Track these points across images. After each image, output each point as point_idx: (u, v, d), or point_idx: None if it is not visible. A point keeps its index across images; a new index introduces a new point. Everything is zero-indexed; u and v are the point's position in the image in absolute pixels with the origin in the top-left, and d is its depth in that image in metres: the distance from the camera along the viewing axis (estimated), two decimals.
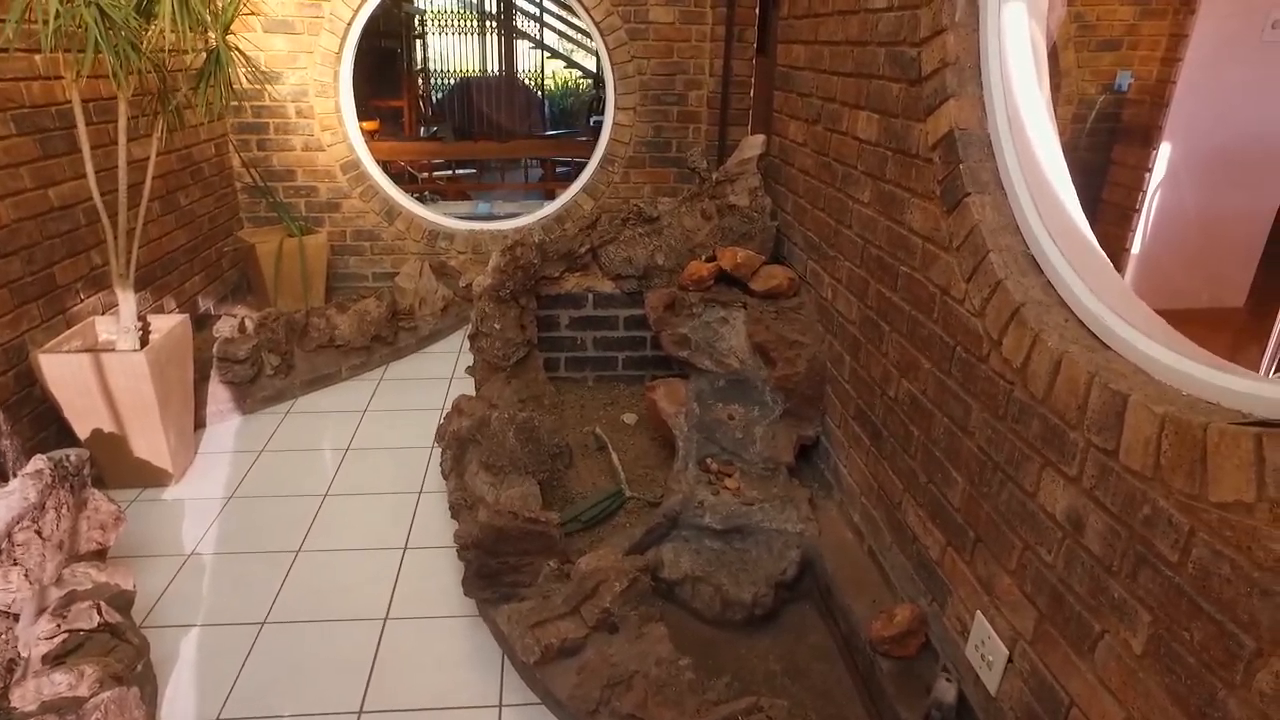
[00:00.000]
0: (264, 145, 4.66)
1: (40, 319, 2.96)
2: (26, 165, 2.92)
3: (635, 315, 3.36)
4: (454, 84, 10.01)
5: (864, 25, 2.41)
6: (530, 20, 11.17)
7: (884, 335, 2.30)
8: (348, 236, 4.88)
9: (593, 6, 4.50)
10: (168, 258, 3.90)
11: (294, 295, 4.51)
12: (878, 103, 2.32)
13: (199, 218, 4.25)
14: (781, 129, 3.27)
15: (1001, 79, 1.86)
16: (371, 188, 4.79)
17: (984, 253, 1.75)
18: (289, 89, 4.54)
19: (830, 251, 2.74)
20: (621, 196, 4.90)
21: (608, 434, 3.10)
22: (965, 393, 1.85)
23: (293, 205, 4.77)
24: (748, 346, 2.93)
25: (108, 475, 3.02)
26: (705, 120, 4.78)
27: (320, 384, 3.89)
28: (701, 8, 4.58)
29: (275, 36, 4.42)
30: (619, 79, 4.66)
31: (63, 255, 3.09)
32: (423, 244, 4.89)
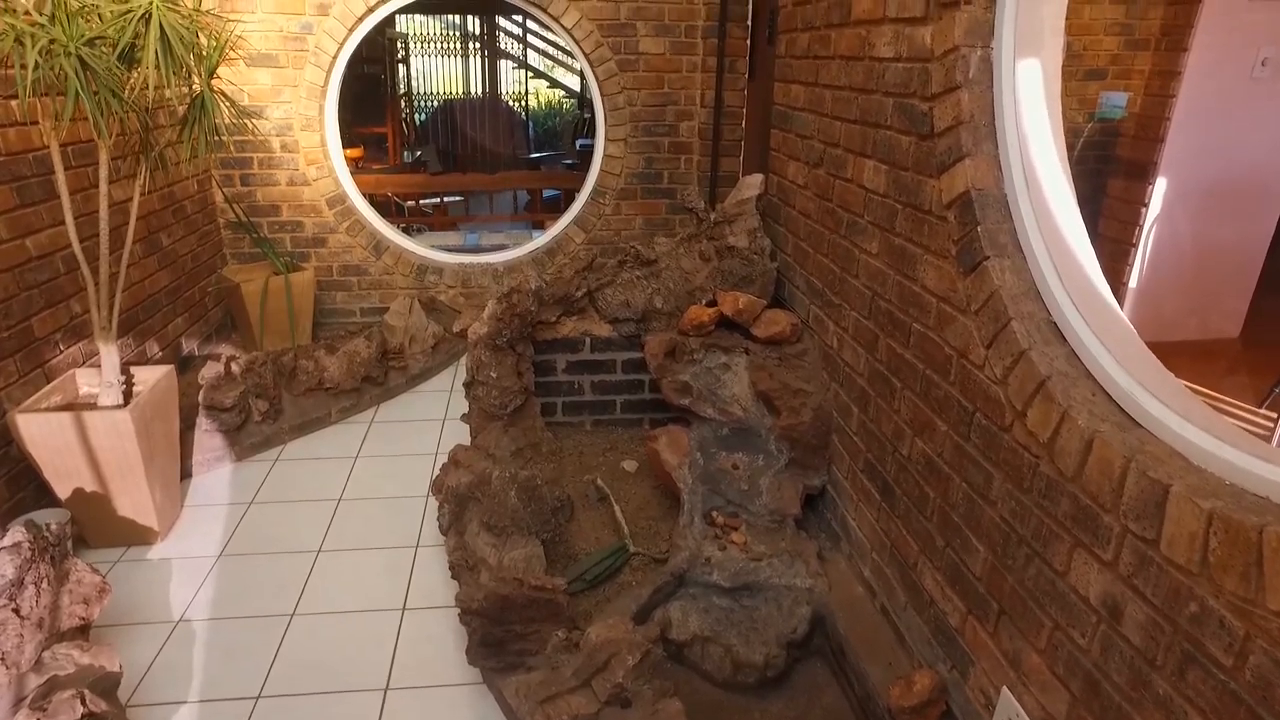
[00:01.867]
0: (248, 180, 4.56)
1: (18, 375, 2.85)
2: (1, 216, 2.82)
3: (633, 358, 3.30)
4: (437, 106, 9.95)
5: (869, 73, 2.37)
6: (514, 40, 11.13)
7: (895, 391, 2.25)
8: (334, 271, 4.79)
9: (582, 38, 4.46)
10: (150, 300, 3.80)
11: (280, 334, 4.42)
12: (886, 153, 2.27)
13: (182, 257, 4.15)
14: (780, 169, 3.23)
15: (1018, 138, 1.82)
16: (358, 222, 4.70)
17: (1005, 320, 1.71)
18: (273, 123, 4.46)
19: (835, 299, 2.69)
20: (613, 229, 4.85)
21: (608, 483, 3.03)
22: (986, 461, 1.80)
23: (278, 241, 4.68)
24: (751, 394, 2.88)
25: (90, 535, 2.91)
26: (697, 151, 4.74)
27: (310, 428, 3.79)
28: (692, 38, 4.55)
29: (259, 70, 4.34)
30: (609, 110, 4.62)
31: (41, 306, 2.99)
32: (411, 278, 4.81)
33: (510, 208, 8.64)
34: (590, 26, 4.43)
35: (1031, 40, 1.81)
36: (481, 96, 10.49)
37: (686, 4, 4.47)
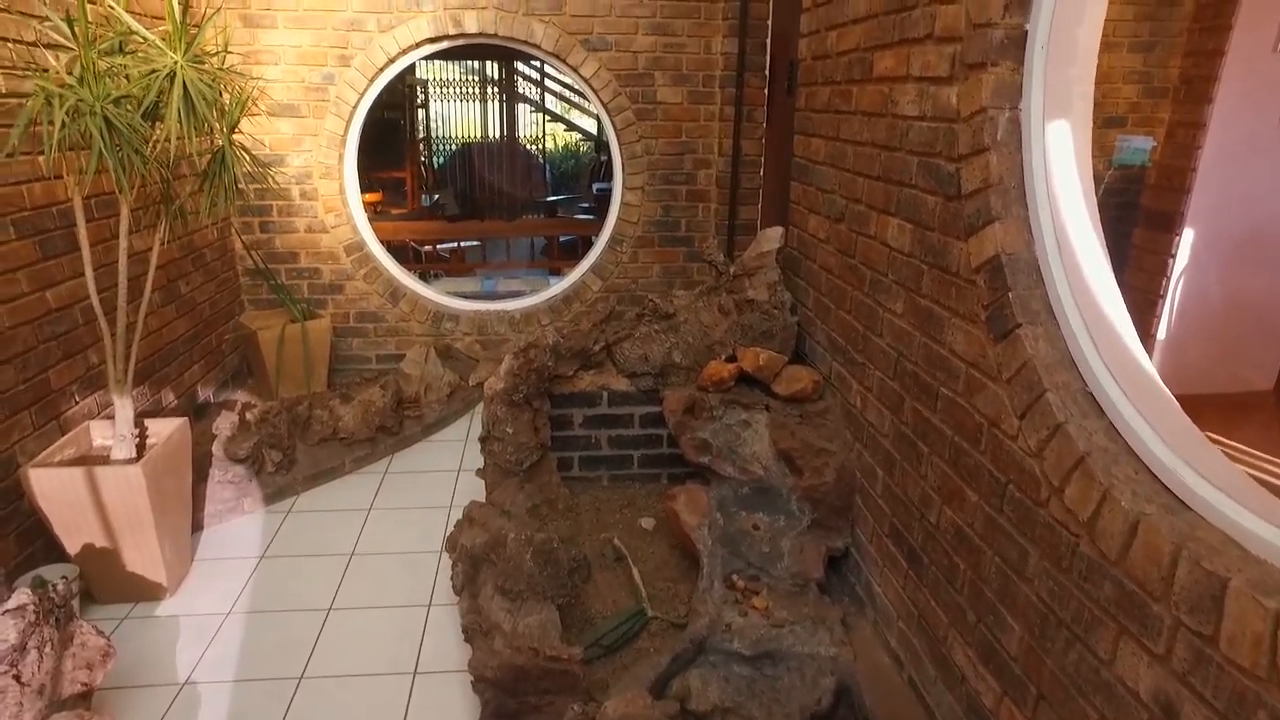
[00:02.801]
0: (267, 228, 4.59)
1: (33, 427, 2.83)
2: (24, 269, 2.82)
3: (651, 413, 3.25)
4: (455, 150, 10.05)
5: (893, 130, 2.34)
6: (531, 85, 11.28)
7: (922, 456, 2.19)
8: (351, 318, 4.78)
9: (600, 88, 4.48)
10: (167, 349, 3.80)
11: (296, 381, 4.40)
12: (910, 212, 2.23)
13: (200, 304, 4.15)
14: (800, 222, 3.20)
15: (1049, 201, 1.78)
16: (375, 269, 4.71)
17: (1040, 391, 1.65)
18: (293, 171, 4.49)
19: (858, 358, 2.64)
20: (630, 276, 4.83)
21: (625, 542, 2.96)
22: (1021, 536, 1.72)
23: (295, 288, 4.69)
24: (772, 453, 2.82)
25: (98, 590, 2.87)
26: (714, 199, 4.73)
27: (323, 479, 3.75)
28: (710, 88, 4.56)
29: (280, 120, 4.38)
30: (627, 159, 4.62)
31: (58, 358, 2.98)
32: (427, 325, 4.80)
33: (527, 252, 8.66)
34: (608, 76, 4.46)
35: (1060, 102, 1.78)
36: (499, 140, 10.60)
37: (704, 54, 4.49)
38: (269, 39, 4.27)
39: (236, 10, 4.21)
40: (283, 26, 4.25)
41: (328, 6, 4.23)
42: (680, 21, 4.42)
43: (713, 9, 4.42)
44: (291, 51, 4.29)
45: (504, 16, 4.30)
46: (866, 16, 2.50)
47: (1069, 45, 1.74)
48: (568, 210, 9.40)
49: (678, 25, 4.43)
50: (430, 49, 4.46)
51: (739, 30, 4.36)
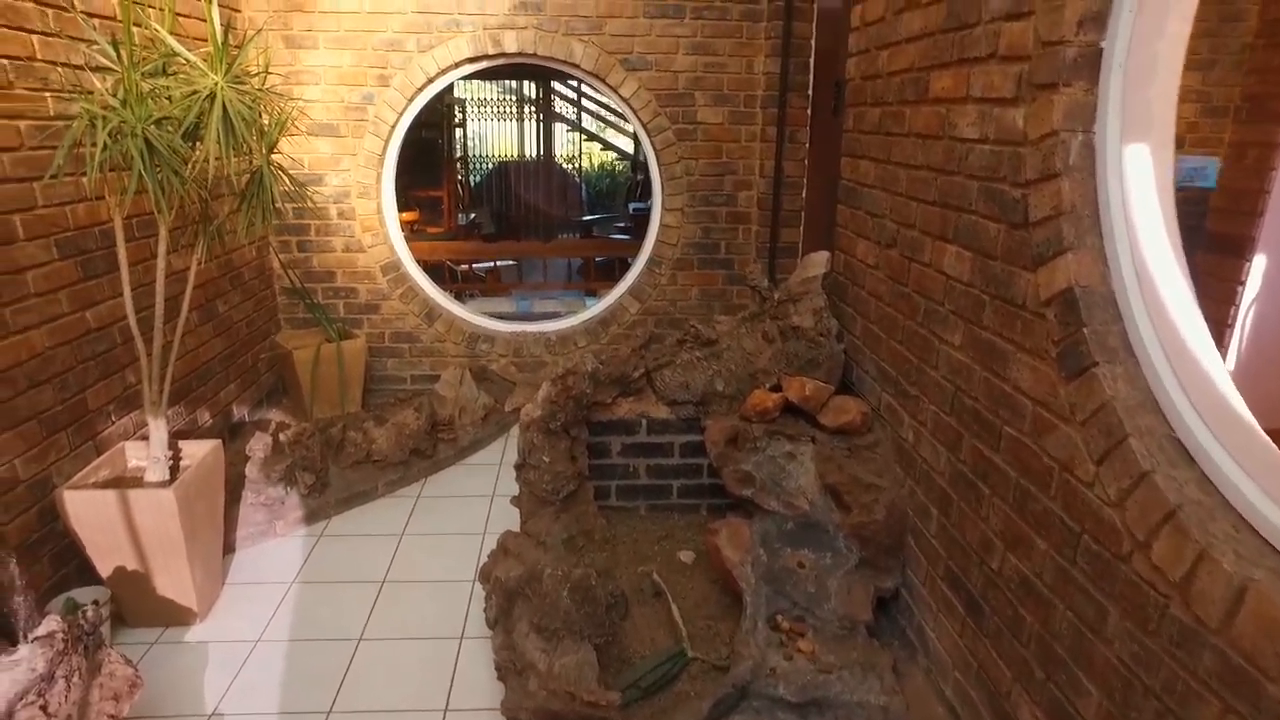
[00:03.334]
0: (304, 247, 4.58)
1: (69, 448, 2.81)
2: (66, 289, 2.81)
3: (692, 442, 3.15)
4: (492, 169, 10.09)
5: (950, 154, 2.23)
6: (567, 103, 11.30)
7: (983, 498, 2.06)
8: (386, 338, 4.75)
9: (640, 108, 4.42)
10: (203, 368, 3.78)
11: (331, 401, 4.37)
12: (970, 239, 2.12)
13: (236, 324, 4.14)
14: (848, 247, 3.09)
15: (1126, 230, 1.66)
16: (412, 289, 4.68)
17: (1121, 436, 1.53)
18: (331, 191, 4.49)
19: (911, 390, 2.52)
20: (668, 299, 4.74)
21: (664, 575, 2.86)
22: (1098, 591, 1.60)
23: (331, 307, 4.67)
24: (818, 487, 2.70)
25: (129, 614, 2.83)
26: (755, 221, 4.64)
27: (355, 502, 3.70)
28: (751, 108, 4.48)
29: (319, 140, 4.38)
30: (666, 180, 4.55)
31: (96, 378, 2.97)
32: (463, 346, 4.75)
33: (564, 272, 8.60)
34: (648, 96, 4.40)
35: (1139, 124, 1.66)
36: (536, 159, 10.62)
37: (746, 74, 4.42)
38: (310, 59, 4.27)
39: (279, 31, 4.22)
40: (324, 47, 4.26)
41: (368, 27, 4.23)
42: (721, 41, 4.36)
43: (755, 29, 4.35)
44: (332, 72, 4.30)
45: (543, 36, 4.27)
46: (921, 35, 2.40)
47: (1149, 63, 1.63)
48: (603, 230, 9.36)
49: (719, 45, 4.36)
50: (469, 69, 4.44)
51: (781, 50, 4.28)
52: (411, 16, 4.23)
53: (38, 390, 2.67)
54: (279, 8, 4.19)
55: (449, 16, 4.23)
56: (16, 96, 2.61)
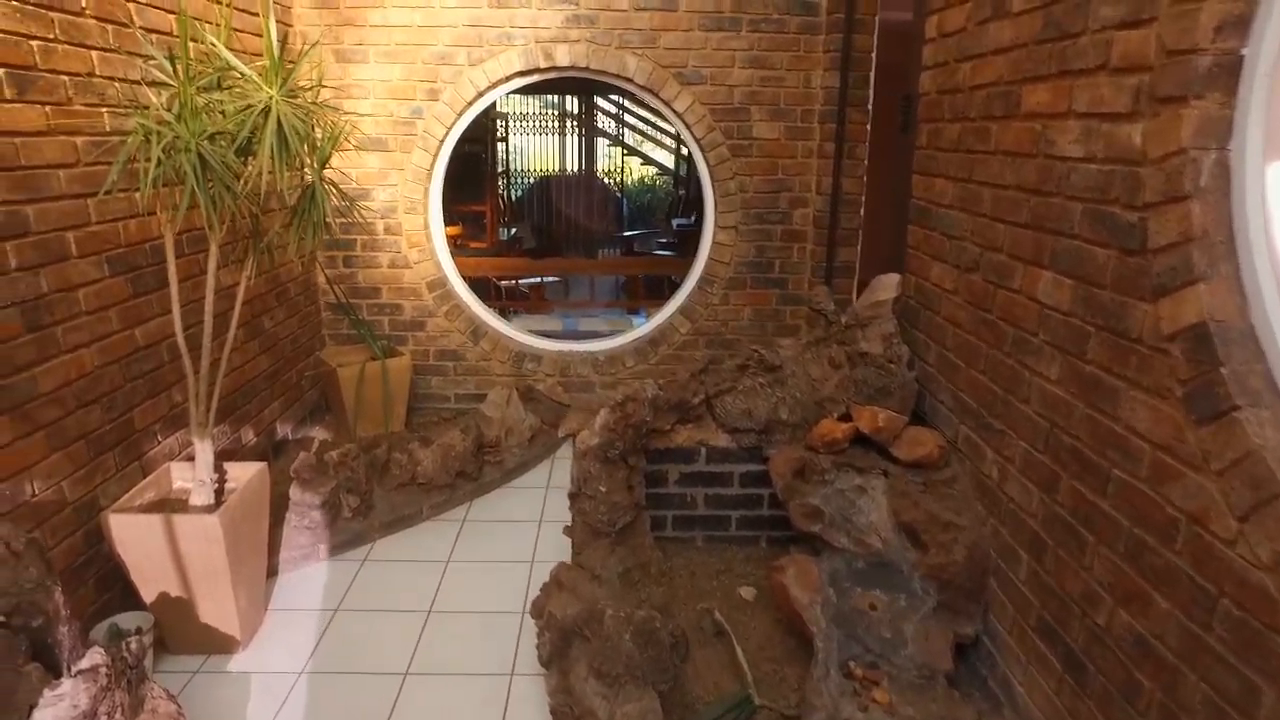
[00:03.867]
0: (350, 262, 4.52)
1: (115, 469, 2.74)
2: (116, 307, 2.75)
3: (752, 471, 3.01)
4: (533, 183, 10.05)
5: (1045, 173, 2.08)
6: (608, 118, 11.25)
7: (1086, 545, 1.90)
8: (431, 356, 4.67)
9: (694, 122, 4.31)
10: (249, 385, 3.72)
11: (374, 420, 4.29)
12: (1071, 266, 1.97)
13: (282, 340, 4.08)
14: (920, 270, 2.94)
15: (1270, 259, 1.50)
16: (457, 306, 4.59)
17: (1273, 491, 1.36)
18: (378, 205, 4.43)
19: (995, 423, 2.36)
20: (720, 319, 4.61)
21: (725, 612, 2.71)
22: (1243, 663, 1.43)
23: (376, 324, 4.60)
24: (891, 524, 2.55)
25: (171, 641, 2.74)
26: (811, 240, 4.50)
27: (400, 525, 3.60)
28: (808, 123, 4.35)
29: (368, 154, 4.33)
30: (720, 196, 4.43)
31: (144, 397, 2.90)
32: (509, 365, 4.65)
33: (610, 289, 8.43)
34: (702, 111, 4.29)
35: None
36: (577, 173, 10.57)
37: (803, 88, 4.29)
38: (360, 73, 4.22)
39: (330, 45, 4.18)
40: (374, 61, 4.21)
41: (419, 40, 4.17)
42: (778, 55, 4.24)
43: (813, 42, 4.22)
44: (381, 86, 4.24)
45: (596, 50, 4.18)
46: (1012, 46, 2.25)
47: None
48: (644, 245, 9.26)
49: (775, 58, 4.24)
50: (520, 82, 4.37)
51: (841, 64, 4.15)
52: (463, 30, 4.16)
53: (86, 410, 2.60)
54: (331, 22, 4.15)
55: (500, 30, 4.16)
56: (75, 113, 2.57)
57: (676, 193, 10.17)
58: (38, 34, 2.41)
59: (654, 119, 11.48)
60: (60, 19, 2.50)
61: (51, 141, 2.47)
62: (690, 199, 9.55)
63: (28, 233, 2.37)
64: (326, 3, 4.13)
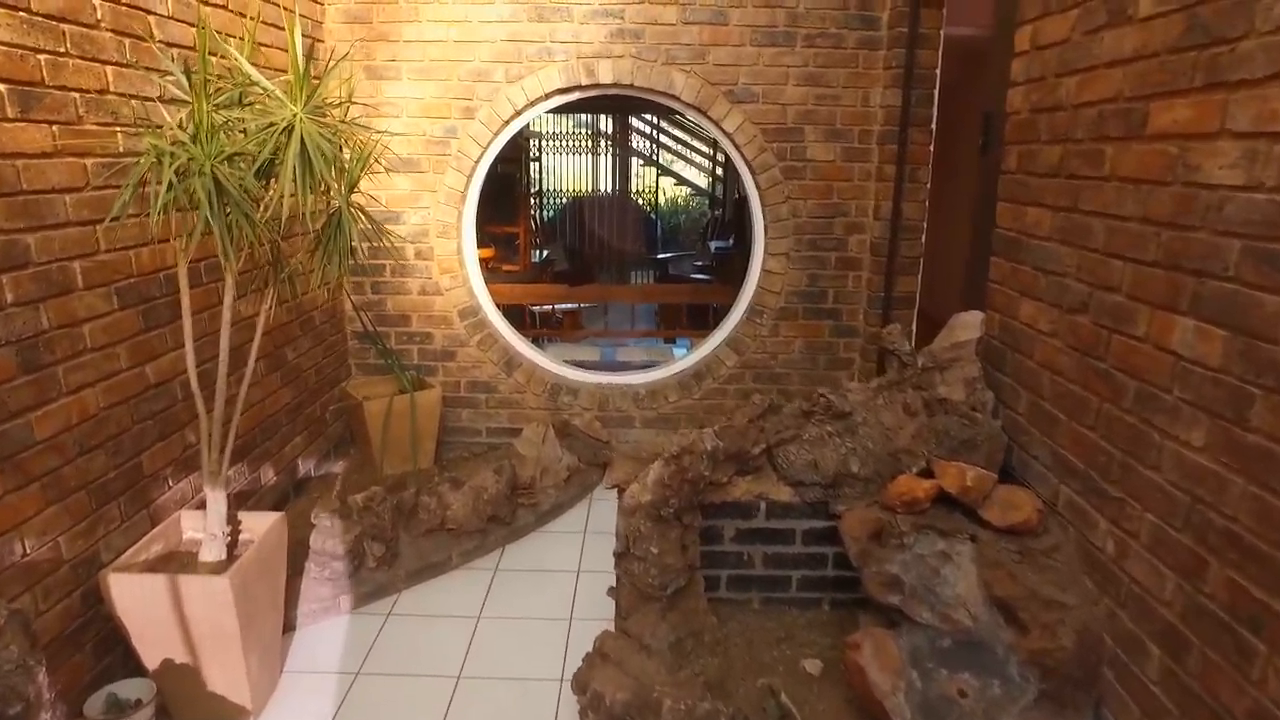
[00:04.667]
0: (379, 288, 4.30)
1: (120, 519, 2.51)
2: (126, 342, 2.53)
3: (816, 528, 2.72)
4: (566, 204, 9.84)
5: (1186, 203, 1.78)
6: (641, 137, 11.05)
7: (1253, 654, 1.58)
8: (462, 387, 4.43)
9: (744, 143, 4.05)
10: (269, 421, 3.49)
11: (402, 456, 4.04)
12: (1224, 314, 1.67)
13: (305, 372, 3.85)
14: (1007, 307, 2.64)
15: None
16: (491, 336, 4.35)
17: None
18: (409, 229, 4.20)
19: (1111, 490, 2.05)
20: (769, 351, 4.32)
21: (788, 689, 2.41)
22: None
23: (405, 353, 4.37)
24: (982, 597, 2.23)
25: (176, 710, 2.50)
26: (868, 268, 4.21)
27: (427, 574, 3.33)
28: (867, 144, 4.07)
29: (399, 176, 4.11)
30: (771, 221, 4.16)
31: (154, 439, 2.67)
32: (544, 398, 4.39)
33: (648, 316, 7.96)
34: (754, 131, 4.03)
35: None
36: (610, 194, 10.35)
37: (861, 107, 4.02)
38: (392, 91, 4.02)
39: (361, 62, 3.98)
40: (407, 78, 4.00)
41: (455, 56, 3.96)
42: (835, 71, 3.97)
43: (873, 57, 3.95)
44: (414, 104, 4.03)
45: (641, 66, 3.94)
46: (1136, 57, 1.96)
47: None
48: (679, 268, 9.00)
49: (832, 75, 3.97)
50: (560, 100, 4.14)
51: (903, 81, 3.87)
52: (501, 45, 3.94)
53: (89, 457, 2.37)
54: (363, 37, 3.95)
55: (540, 45, 3.93)
56: (86, 133, 2.36)
57: (712, 214, 9.92)
58: (46, 47, 2.20)
59: (688, 138, 11.27)
60: (72, 31, 2.29)
61: (58, 164, 2.25)
62: (727, 221, 9.30)
63: (28, 264, 2.15)
64: (359, 17, 3.93)
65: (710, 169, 10.52)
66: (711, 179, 10.53)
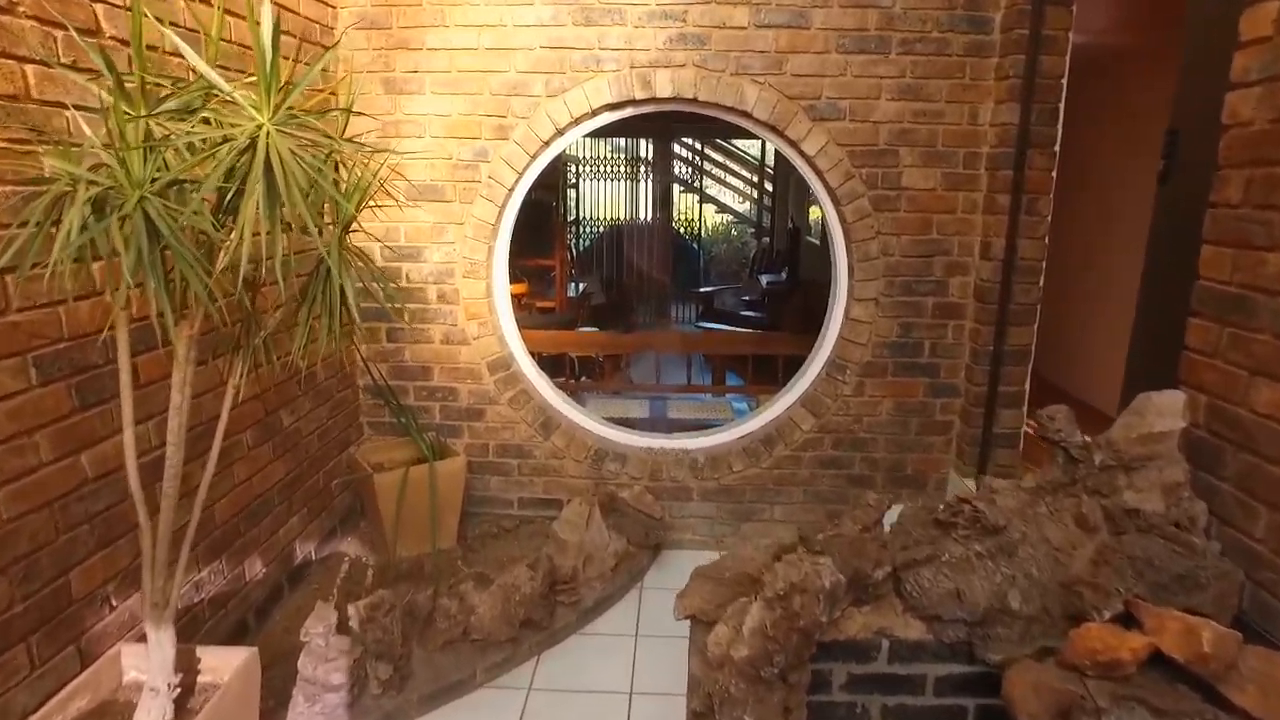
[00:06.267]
0: (395, 336, 3.69)
1: (31, 665, 1.88)
2: (49, 428, 1.92)
3: (955, 674, 2.03)
4: (602, 233, 9.25)
5: None
6: (684, 164, 10.45)
7: None
8: (490, 452, 3.80)
9: (827, 168, 3.40)
10: (257, 504, 2.88)
11: (419, 535, 3.41)
12: None
13: (306, 438, 3.25)
14: (1226, 388, 1.95)
15: None
16: (524, 392, 3.72)
17: None
18: (430, 268, 3.60)
19: None
20: (853, 413, 3.64)
21: None
22: None
23: (425, 411, 3.75)
24: None
25: None
26: (972, 317, 3.52)
27: (445, 697, 2.69)
28: (973, 169, 3.40)
29: (420, 206, 3.52)
30: (858, 260, 3.49)
31: (90, 550, 2.06)
32: (585, 465, 3.75)
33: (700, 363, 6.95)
34: (839, 154, 3.38)
35: None
36: (650, 222, 9.72)
37: (968, 125, 3.36)
38: (413, 106, 3.43)
39: (378, 74, 3.40)
40: (430, 91, 3.41)
41: (486, 66, 3.37)
42: (937, 83, 3.32)
43: (983, 66, 3.30)
44: (438, 122, 3.44)
45: (706, 77, 3.32)
46: None
47: None
48: (724, 302, 8.34)
49: (934, 88, 3.32)
50: (609, 118, 3.53)
51: (1022, 93, 3.20)
52: (540, 53, 3.35)
53: None
54: (381, 45, 3.38)
55: (587, 52, 3.33)
56: None
57: (759, 243, 9.26)
58: None
59: (728, 163, 10.66)
60: None
61: None
62: (778, 252, 8.64)
63: None
64: (376, 22, 3.36)
65: (758, 197, 9.87)
66: (759, 207, 9.87)
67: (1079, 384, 4.95)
